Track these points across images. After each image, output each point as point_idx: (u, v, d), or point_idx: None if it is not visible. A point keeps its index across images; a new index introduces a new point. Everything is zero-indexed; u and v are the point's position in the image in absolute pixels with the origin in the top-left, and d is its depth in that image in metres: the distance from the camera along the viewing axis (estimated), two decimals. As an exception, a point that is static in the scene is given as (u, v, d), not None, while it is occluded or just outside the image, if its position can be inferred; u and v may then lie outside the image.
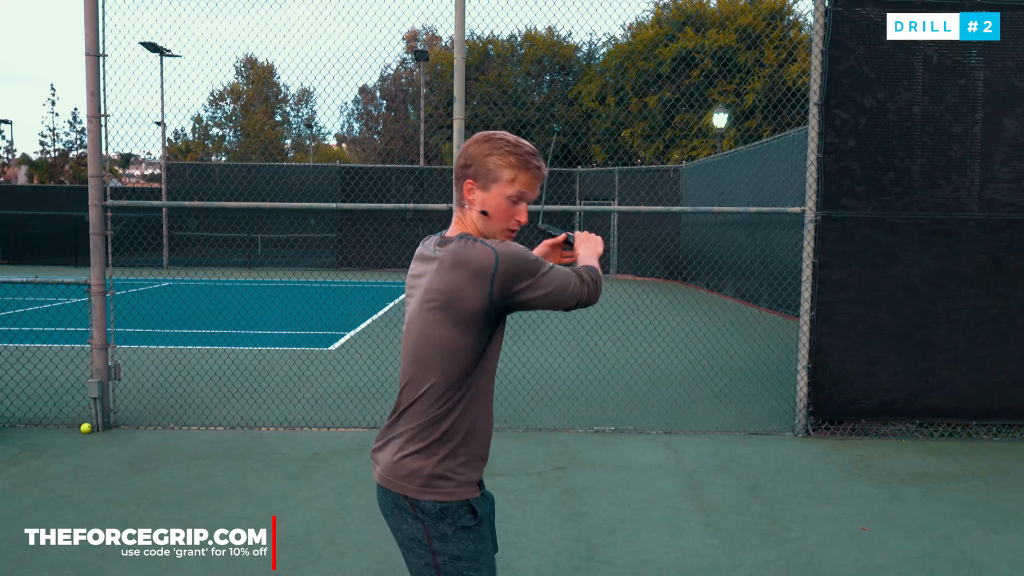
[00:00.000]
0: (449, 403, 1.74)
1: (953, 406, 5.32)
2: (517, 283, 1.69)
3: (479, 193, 1.79)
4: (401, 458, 1.75)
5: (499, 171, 1.77)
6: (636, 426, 5.60)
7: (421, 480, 1.72)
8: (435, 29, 42.01)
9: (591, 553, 3.50)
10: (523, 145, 1.79)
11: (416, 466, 1.73)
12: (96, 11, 5.12)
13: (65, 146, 46.44)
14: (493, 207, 1.79)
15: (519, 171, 1.78)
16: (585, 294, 1.82)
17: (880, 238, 5.22)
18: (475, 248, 1.70)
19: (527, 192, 1.79)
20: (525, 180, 1.78)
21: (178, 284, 16.33)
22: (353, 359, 7.73)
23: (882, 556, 3.50)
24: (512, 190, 1.78)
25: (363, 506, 3.98)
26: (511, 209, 1.80)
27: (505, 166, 1.77)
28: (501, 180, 1.77)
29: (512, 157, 1.77)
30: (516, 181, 1.77)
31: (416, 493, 1.72)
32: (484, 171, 1.78)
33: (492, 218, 1.79)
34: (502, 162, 1.77)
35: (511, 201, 1.79)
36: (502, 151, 1.77)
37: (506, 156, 1.77)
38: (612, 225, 19.87)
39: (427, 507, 1.71)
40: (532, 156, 1.78)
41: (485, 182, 1.78)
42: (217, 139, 45.93)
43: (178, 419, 5.60)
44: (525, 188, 1.78)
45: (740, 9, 21.58)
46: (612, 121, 23.26)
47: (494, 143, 1.78)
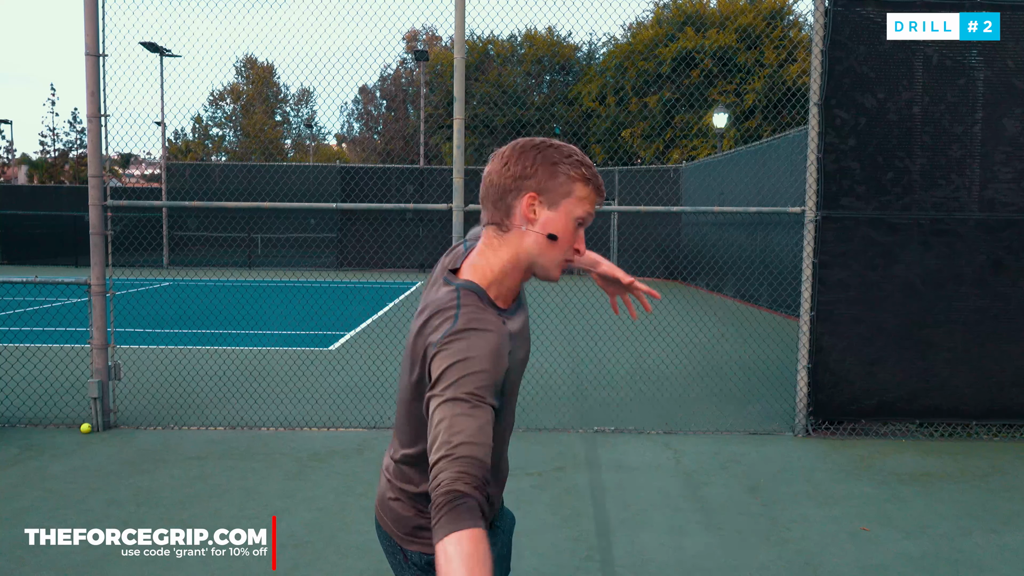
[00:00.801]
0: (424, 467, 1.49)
1: (953, 406, 5.32)
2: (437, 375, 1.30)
3: (543, 211, 1.42)
4: (390, 499, 1.60)
5: (571, 184, 1.42)
6: (636, 426, 5.61)
7: (407, 529, 1.56)
8: (435, 29, 42.05)
9: (591, 553, 3.50)
10: (587, 157, 1.47)
11: (403, 513, 1.57)
12: (96, 11, 5.12)
13: (65, 146, 46.47)
14: (561, 229, 1.43)
15: (591, 187, 1.43)
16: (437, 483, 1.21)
17: (880, 238, 5.22)
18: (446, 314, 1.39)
19: (592, 215, 1.45)
20: (593, 200, 1.45)
21: (178, 284, 16.33)
22: (353, 359, 7.73)
23: (882, 556, 3.50)
24: (582, 210, 1.43)
25: (363, 506, 3.98)
26: (575, 234, 1.45)
27: (579, 179, 1.42)
28: (572, 196, 1.42)
29: (584, 169, 1.42)
30: (587, 200, 1.43)
31: (403, 542, 1.57)
32: (553, 184, 1.41)
33: (559, 244, 1.44)
34: (576, 174, 1.42)
35: (577, 224, 1.44)
36: (573, 160, 1.42)
37: (578, 168, 1.42)
38: (612, 225, 19.87)
39: (414, 558, 1.56)
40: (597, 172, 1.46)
41: (554, 197, 1.42)
42: (217, 139, 45.95)
43: (178, 419, 5.60)
44: (592, 209, 1.45)
45: (740, 9, 21.60)
46: (612, 121, 23.27)
47: (560, 151, 1.43)
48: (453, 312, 1.38)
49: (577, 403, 6.22)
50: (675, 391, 6.61)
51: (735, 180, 14.47)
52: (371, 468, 4.62)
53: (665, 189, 18.53)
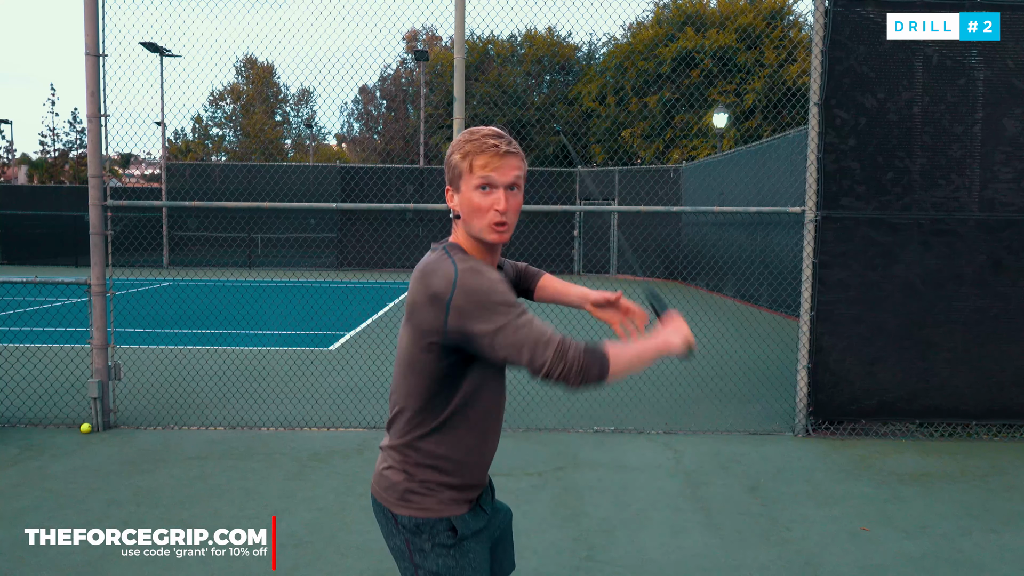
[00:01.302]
0: (423, 428, 1.67)
1: (953, 406, 5.32)
2: (473, 320, 1.51)
3: (456, 198, 1.66)
4: (384, 469, 1.73)
5: (460, 164, 1.63)
6: (636, 426, 5.60)
7: (398, 494, 1.69)
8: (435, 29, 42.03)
9: (591, 553, 3.50)
10: (480, 129, 1.64)
11: (395, 479, 1.69)
12: (96, 11, 5.12)
13: (65, 146, 46.46)
14: (465, 205, 1.64)
15: (475, 156, 1.61)
16: (559, 371, 1.51)
17: (880, 238, 5.22)
18: (440, 266, 1.58)
19: (493, 175, 1.60)
20: (483, 162, 1.60)
21: (178, 284, 16.33)
22: (353, 359, 7.73)
23: (882, 556, 3.50)
24: (476, 179, 1.61)
25: (363, 506, 3.98)
26: (484, 200, 1.61)
27: (462, 157, 1.62)
28: (464, 173, 1.62)
29: (468, 145, 1.62)
30: (475, 168, 1.61)
31: (395, 506, 1.69)
32: (452, 172, 1.66)
33: (466, 218, 1.64)
34: (459, 155, 1.63)
35: (481, 192, 1.61)
36: (459, 144, 1.65)
37: (462, 147, 1.63)
38: (612, 225, 19.87)
39: (404, 521, 1.68)
40: (489, 136, 1.62)
41: (456, 183, 1.65)
42: (217, 139, 45.95)
43: (178, 419, 5.60)
44: (488, 171, 1.60)
45: (740, 9, 21.59)
46: (612, 121, 23.26)
47: (454, 141, 1.68)
48: (449, 261, 1.59)
49: (577, 403, 6.22)
50: (675, 391, 6.61)
51: (735, 180, 14.47)
52: (371, 468, 4.61)
53: (665, 189, 18.53)
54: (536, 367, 1.50)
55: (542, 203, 19.72)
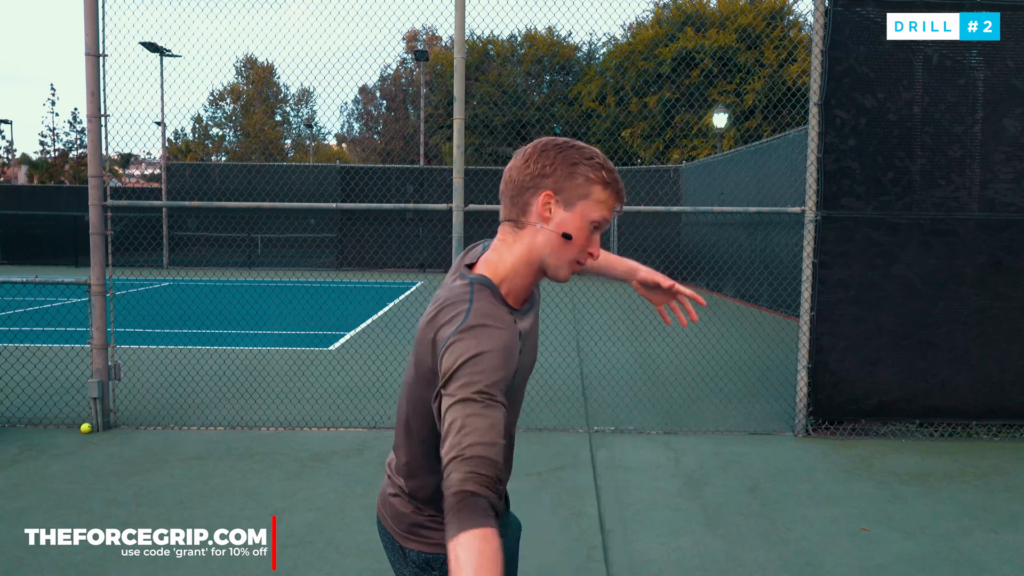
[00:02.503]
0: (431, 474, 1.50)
1: (953, 406, 5.32)
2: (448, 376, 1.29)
3: (559, 211, 1.42)
4: (390, 495, 1.61)
5: (590, 187, 1.41)
6: (636, 426, 5.60)
7: (405, 527, 1.57)
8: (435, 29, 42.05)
9: (591, 553, 3.50)
10: (610, 162, 1.45)
11: (402, 510, 1.57)
12: (96, 11, 5.12)
13: (65, 146, 46.49)
14: (575, 230, 1.42)
15: (610, 192, 1.42)
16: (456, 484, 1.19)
17: (880, 238, 5.22)
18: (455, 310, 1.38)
19: (608, 219, 1.44)
20: (612, 205, 1.44)
21: (178, 284, 16.33)
22: (353, 359, 7.73)
23: (882, 556, 3.50)
24: (598, 214, 1.42)
25: (363, 506, 3.98)
26: (589, 238, 1.44)
27: (598, 182, 1.41)
28: (590, 198, 1.41)
29: (604, 173, 1.41)
30: (606, 204, 1.42)
31: (401, 539, 1.57)
32: (571, 184, 1.41)
33: (551, 240, 1.43)
34: (595, 177, 1.41)
35: (592, 228, 1.44)
36: (594, 163, 1.42)
37: (598, 171, 1.41)
38: (612, 225, 19.86)
39: (412, 555, 1.56)
40: (618, 177, 1.45)
41: (570, 197, 1.41)
42: (217, 139, 45.96)
43: (178, 419, 5.60)
44: (610, 214, 1.43)
45: (740, 9, 21.60)
46: (612, 121, 23.26)
47: (582, 152, 1.42)
48: (465, 307, 1.38)
49: (577, 403, 6.22)
50: (675, 391, 6.61)
51: (735, 180, 14.47)
52: (371, 468, 4.62)
53: (665, 189, 18.53)
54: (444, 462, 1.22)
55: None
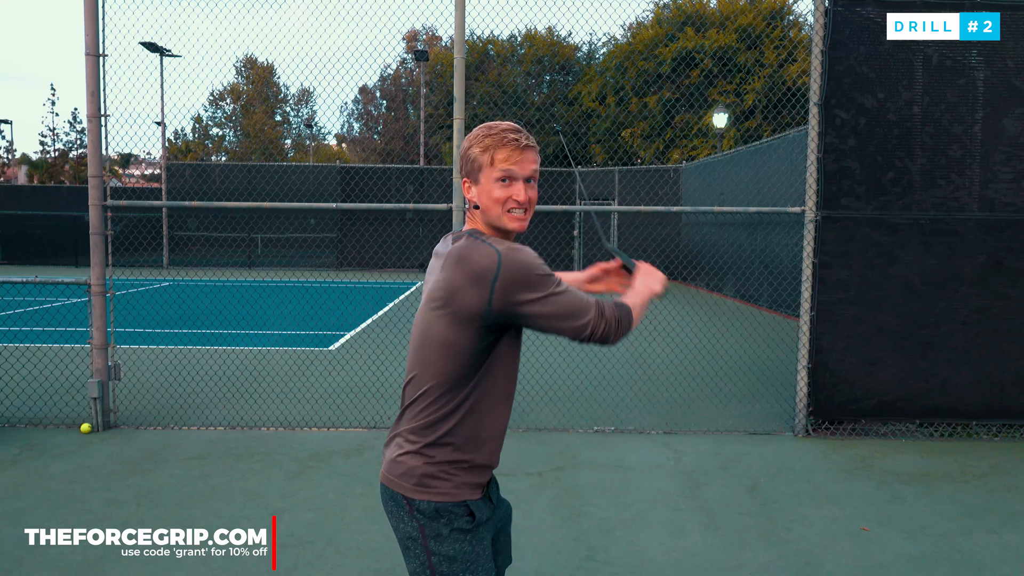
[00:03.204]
0: (448, 407, 1.69)
1: (953, 406, 5.32)
2: (520, 294, 1.61)
3: (474, 189, 1.74)
4: (399, 455, 1.73)
5: (480, 158, 1.71)
6: (636, 426, 5.60)
7: (416, 479, 1.70)
8: (435, 29, 42.03)
9: (591, 553, 3.50)
10: (499, 124, 1.73)
11: (412, 464, 1.71)
12: (96, 11, 5.12)
13: (65, 146, 46.48)
14: (484, 196, 1.71)
15: (496, 150, 1.69)
16: (601, 330, 1.69)
17: (880, 238, 5.22)
18: (479, 248, 1.64)
19: (513, 168, 1.69)
20: (504, 155, 1.69)
21: (178, 284, 16.33)
22: (353, 359, 7.73)
23: (882, 556, 3.50)
24: (496, 171, 1.69)
25: (363, 506, 3.99)
26: (505, 191, 1.70)
27: (482, 151, 1.70)
28: (484, 166, 1.70)
29: (487, 140, 1.70)
30: (496, 161, 1.69)
31: (411, 492, 1.70)
32: (470, 165, 1.73)
33: (485, 209, 1.72)
34: (479, 148, 1.71)
35: (502, 184, 1.70)
36: (478, 138, 1.72)
37: (481, 141, 1.71)
38: (612, 225, 19.86)
39: (422, 506, 1.69)
40: (509, 131, 1.70)
41: (475, 176, 1.73)
42: (217, 139, 45.95)
43: (178, 419, 5.60)
44: (508, 164, 1.69)
45: (740, 9, 21.59)
46: (612, 121, 23.26)
47: (472, 135, 1.74)
48: (486, 244, 1.65)
49: (577, 403, 6.22)
50: (675, 391, 6.61)
51: (735, 180, 14.47)
52: (371, 468, 4.62)
53: (665, 189, 18.53)
54: (582, 329, 1.66)
55: (542, 203, 19.70)
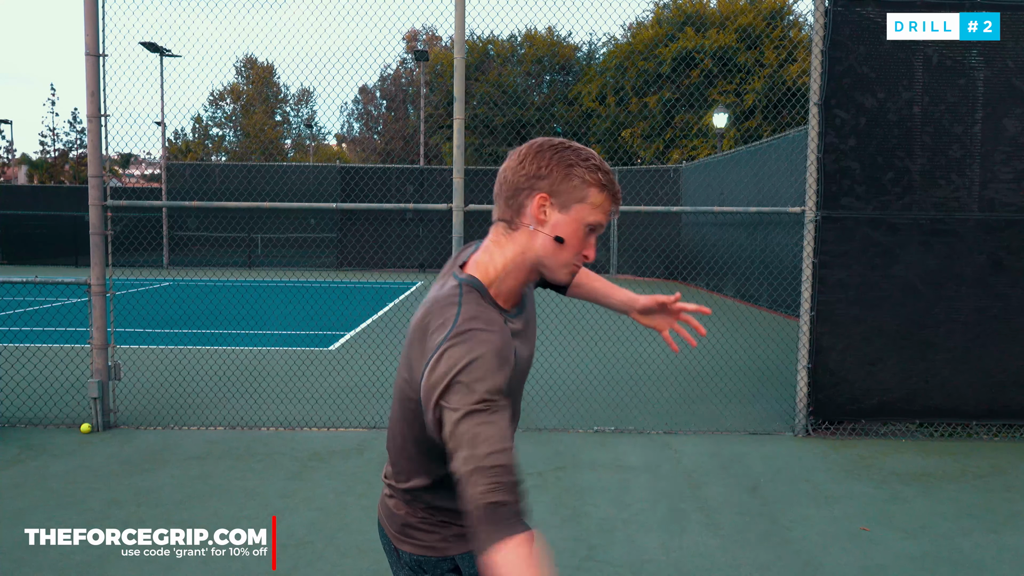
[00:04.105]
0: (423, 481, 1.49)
1: (953, 406, 5.32)
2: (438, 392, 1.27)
3: (554, 214, 1.39)
4: (386, 496, 1.60)
5: (585, 189, 1.39)
6: (636, 426, 5.60)
7: (397, 527, 1.55)
8: (435, 29, 42.05)
9: (591, 553, 3.50)
10: (604, 164, 1.43)
11: (394, 511, 1.55)
12: (96, 11, 5.12)
13: (65, 146, 46.48)
14: (570, 234, 1.40)
15: (606, 195, 1.40)
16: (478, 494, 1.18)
17: (880, 238, 5.22)
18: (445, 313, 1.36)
19: (604, 223, 1.43)
20: (608, 208, 1.42)
21: (178, 284, 16.33)
22: (353, 359, 7.73)
23: (882, 556, 3.50)
24: (594, 217, 1.40)
25: (363, 506, 3.99)
26: (584, 242, 1.43)
27: (594, 184, 1.39)
28: (585, 201, 1.39)
29: (600, 175, 1.39)
30: (601, 207, 1.41)
31: (394, 539, 1.56)
32: (567, 187, 1.38)
33: (566, 248, 1.41)
34: (591, 179, 1.39)
35: (587, 230, 1.42)
36: (590, 165, 1.39)
37: (594, 173, 1.39)
38: (612, 225, 19.87)
39: (404, 557, 1.55)
40: (615, 180, 1.44)
41: (566, 200, 1.39)
42: (217, 139, 45.95)
43: (178, 419, 5.60)
44: (605, 218, 1.42)
45: (740, 9, 21.60)
46: (612, 121, 23.26)
47: (578, 153, 1.40)
48: (454, 311, 1.35)
49: (577, 403, 6.22)
50: (675, 391, 6.61)
51: (735, 180, 14.47)
52: (371, 468, 4.62)
53: (665, 189, 18.53)
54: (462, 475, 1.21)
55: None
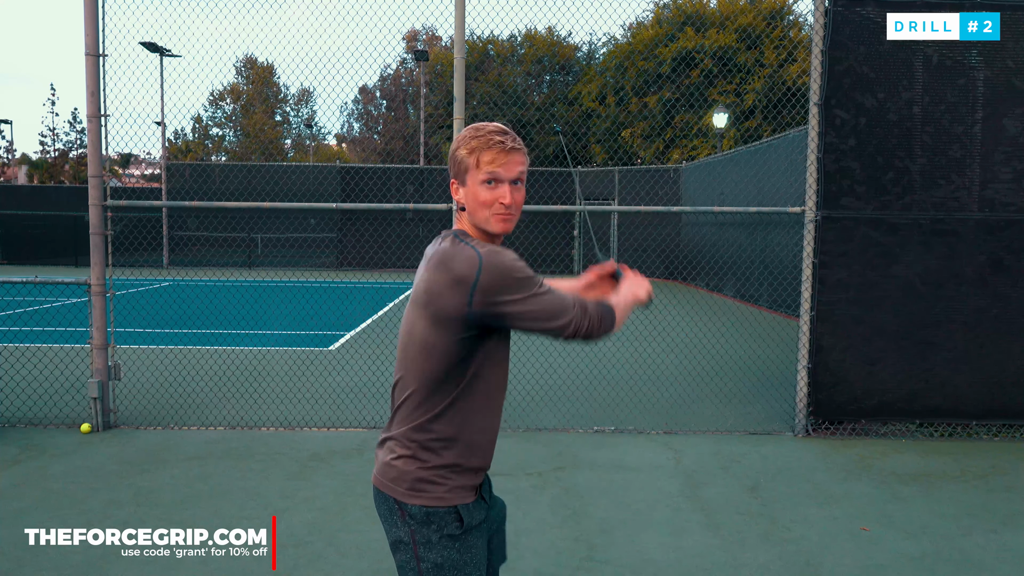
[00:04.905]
0: (435, 410, 1.70)
1: (953, 406, 5.31)
2: (500, 295, 1.60)
3: (462, 191, 1.73)
4: (392, 459, 1.73)
5: (466, 160, 1.69)
6: (636, 426, 5.60)
7: (408, 483, 1.70)
8: (435, 29, 42.03)
9: (591, 553, 3.50)
10: (486, 126, 1.71)
11: (405, 468, 1.70)
12: (96, 11, 5.12)
13: (65, 146, 46.46)
14: (470, 198, 1.70)
15: (482, 152, 1.68)
16: (584, 327, 1.68)
17: (880, 238, 5.22)
18: (461, 251, 1.64)
19: (499, 171, 1.68)
20: (490, 158, 1.68)
21: (178, 284, 16.33)
22: (353, 359, 7.73)
23: (882, 556, 3.50)
24: (482, 174, 1.68)
25: (363, 506, 3.98)
26: (491, 194, 1.69)
27: (468, 152, 1.69)
28: (471, 168, 1.69)
29: (473, 142, 1.69)
30: (482, 163, 1.68)
31: (404, 496, 1.69)
32: (457, 167, 1.72)
33: (471, 211, 1.71)
34: (465, 150, 1.70)
35: (487, 186, 1.68)
36: (464, 140, 1.71)
37: (468, 143, 1.70)
38: (612, 225, 19.86)
39: (413, 511, 1.69)
40: (495, 133, 1.69)
41: (462, 177, 1.72)
42: (217, 139, 45.94)
43: (178, 419, 5.60)
44: (494, 167, 1.68)
45: (740, 9, 21.59)
46: (612, 121, 23.25)
47: (460, 137, 1.74)
48: (467, 246, 1.65)
49: (577, 403, 6.22)
50: (675, 391, 6.61)
51: (735, 180, 14.46)
52: (371, 468, 4.61)
53: (665, 189, 18.52)
54: (565, 327, 1.66)
55: (542, 203, 19.71)
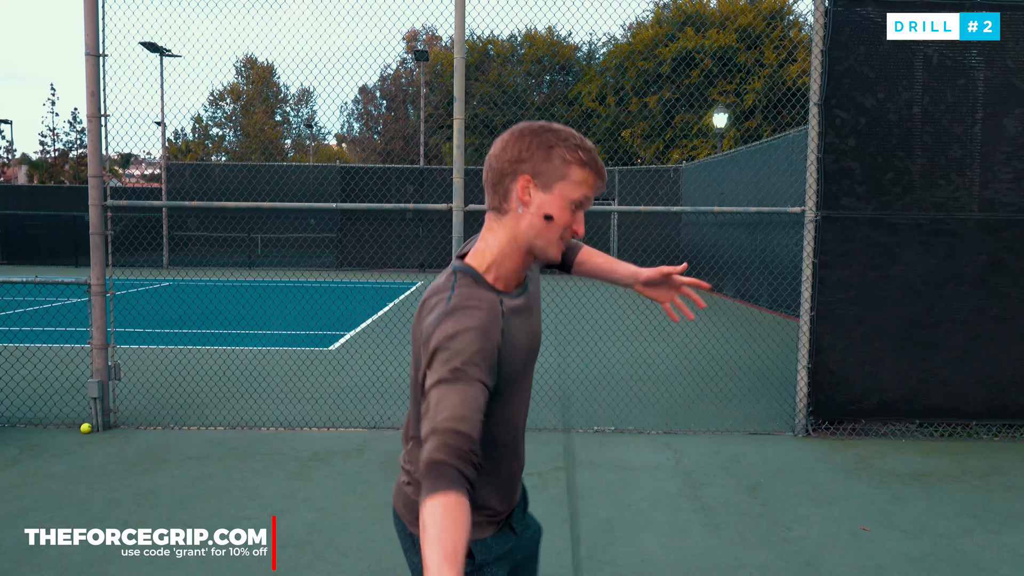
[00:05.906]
0: None
1: (953, 406, 5.31)
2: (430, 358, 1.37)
3: (538, 194, 1.45)
4: (403, 484, 1.62)
5: (566, 168, 1.44)
6: (636, 426, 5.60)
7: (414, 514, 1.56)
8: (435, 29, 42.04)
9: (591, 553, 3.50)
10: (587, 142, 1.48)
11: (412, 498, 1.57)
12: (96, 11, 5.12)
13: (65, 146, 46.46)
14: (556, 211, 1.45)
15: (588, 171, 1.46)
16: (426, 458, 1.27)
17: (880, 238, 5.22)
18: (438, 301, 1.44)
19: (591, 198, 1.49)
20: (593, 184, 1.47)
21: (178, 284, 16.33)
22: (353, 359, 7.73)
23: (882, 556, 3.50)
24: (579, 193, 1.46)
25: (363, 506, 3.99)
26: (571, 217, 1.47)
27: (574, 163, 1.44)
28: (568, 179, 1.45)
29: (581, 153, 1.44)
30: (585, 183, 1.46)
31: (411, 525, 1.57)
32: (548, 167, 1.44)
33: (534, 223, 1.46)
34: (571, 157, 1.44)
35: (573, 207, 1.47)
36: (569, 144, 1.45)
37: (575, 151, 1.44)
38: (612, 225, 19.87)
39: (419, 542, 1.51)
40: (595, 153, 1.48)
41: (547, 180, 1.44)
42: (217, 139, 45.94)
43: (178, 419, 5.60)
44: (591, 192, 1.48)
45: (740, 9, 21.61)
46: (612, 121, 23.26)
47: (557, 134, 1.46)
48: (447, 294, 1.44)
49: (577, 403, 6.22)
50: (675, 391, 6.61)
51: (735, 180, 14.47)
52: (371, 468, 4.62)
53: (665, 189, 18.53)
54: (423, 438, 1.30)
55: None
